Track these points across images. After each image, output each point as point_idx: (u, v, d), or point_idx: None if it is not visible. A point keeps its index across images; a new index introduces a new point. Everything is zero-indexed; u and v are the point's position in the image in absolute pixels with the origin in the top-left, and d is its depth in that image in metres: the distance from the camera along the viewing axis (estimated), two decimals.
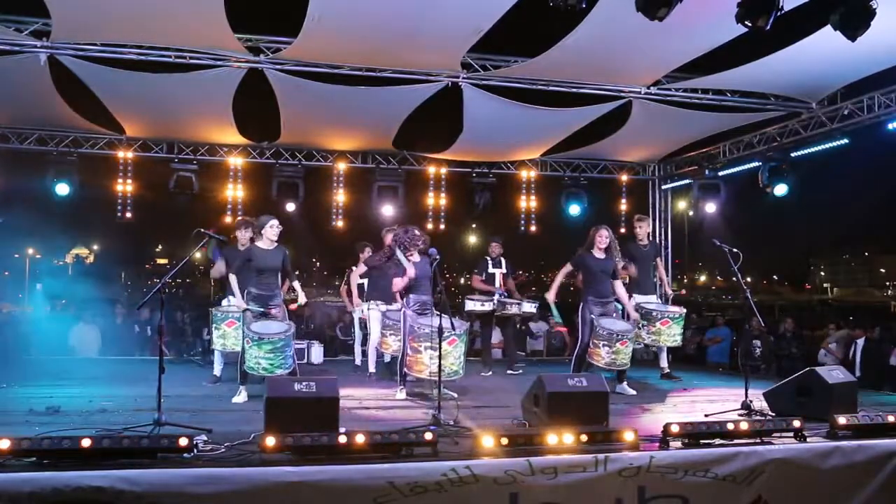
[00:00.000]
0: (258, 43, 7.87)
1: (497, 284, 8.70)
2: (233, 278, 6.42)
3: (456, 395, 6.50)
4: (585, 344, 7.02)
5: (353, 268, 8.72)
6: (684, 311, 8.24)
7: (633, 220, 8.66)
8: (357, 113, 9.38)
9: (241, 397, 6.31)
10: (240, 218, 7.93)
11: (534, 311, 9.14)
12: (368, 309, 8.05)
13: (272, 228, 6.40)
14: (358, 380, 7.92)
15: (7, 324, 14.30)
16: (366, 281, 8.36)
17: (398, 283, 6.63)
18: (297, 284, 6.78)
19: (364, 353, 9.21)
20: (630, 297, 7.58)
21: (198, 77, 8.11)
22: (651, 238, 8.90)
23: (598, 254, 7.11)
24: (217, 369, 7.56)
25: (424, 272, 6.55)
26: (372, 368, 8.10)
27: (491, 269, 8.74)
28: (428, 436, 4.25)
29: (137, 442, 3.90)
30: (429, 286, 6.53)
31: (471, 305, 8.45)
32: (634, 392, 7.10)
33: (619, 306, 7.53)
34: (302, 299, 6.80)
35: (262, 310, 6.32)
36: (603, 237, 7.10)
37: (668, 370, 8.37)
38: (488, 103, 9.01)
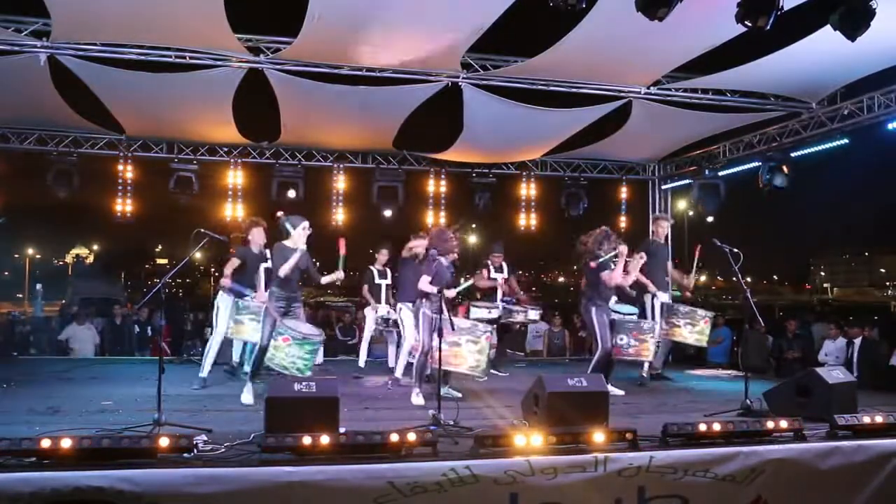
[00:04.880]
0: (258, 43, 7.86)
1: (499, 289, 8.70)
2: (283, 271, 6.21)
3: (461, 395, 6.50)
4: (609, 347, 6.85)
5: (371, 267, 8.61)
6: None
7: (656, 219, 8.57)
8: (357, 113, 9.36)
9: (250, 397, 6.14)
10: (252, 218, 7.75)
11: (537, 318, 9.13)
12: (399, 310, 7.74)
13: (305, 230, 6.33)
14: (362, 381, 7.87)
15: (7, 324, 14.34)
16: (385, 282, 8.37)
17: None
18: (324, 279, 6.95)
19: (369, 353, 9.18)
20: (653, 295, 7.73)
21: (198, 77, 8.10)
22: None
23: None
24: (205, 371, 7.28)
25: (444, 275, 6.50)
26: (400, 373, 7.62)
27: (493, 274, 8.75)
28: (428, 436, 4.26)
29: (137, 442, 3.91)
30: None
31: (477, 313, 8.18)
32: (622, 392, 7.02)
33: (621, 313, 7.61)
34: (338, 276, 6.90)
35: (284, 308, 6.24)
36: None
37: (660, 370, 8.30)
38: (488, 103, 9.00)
